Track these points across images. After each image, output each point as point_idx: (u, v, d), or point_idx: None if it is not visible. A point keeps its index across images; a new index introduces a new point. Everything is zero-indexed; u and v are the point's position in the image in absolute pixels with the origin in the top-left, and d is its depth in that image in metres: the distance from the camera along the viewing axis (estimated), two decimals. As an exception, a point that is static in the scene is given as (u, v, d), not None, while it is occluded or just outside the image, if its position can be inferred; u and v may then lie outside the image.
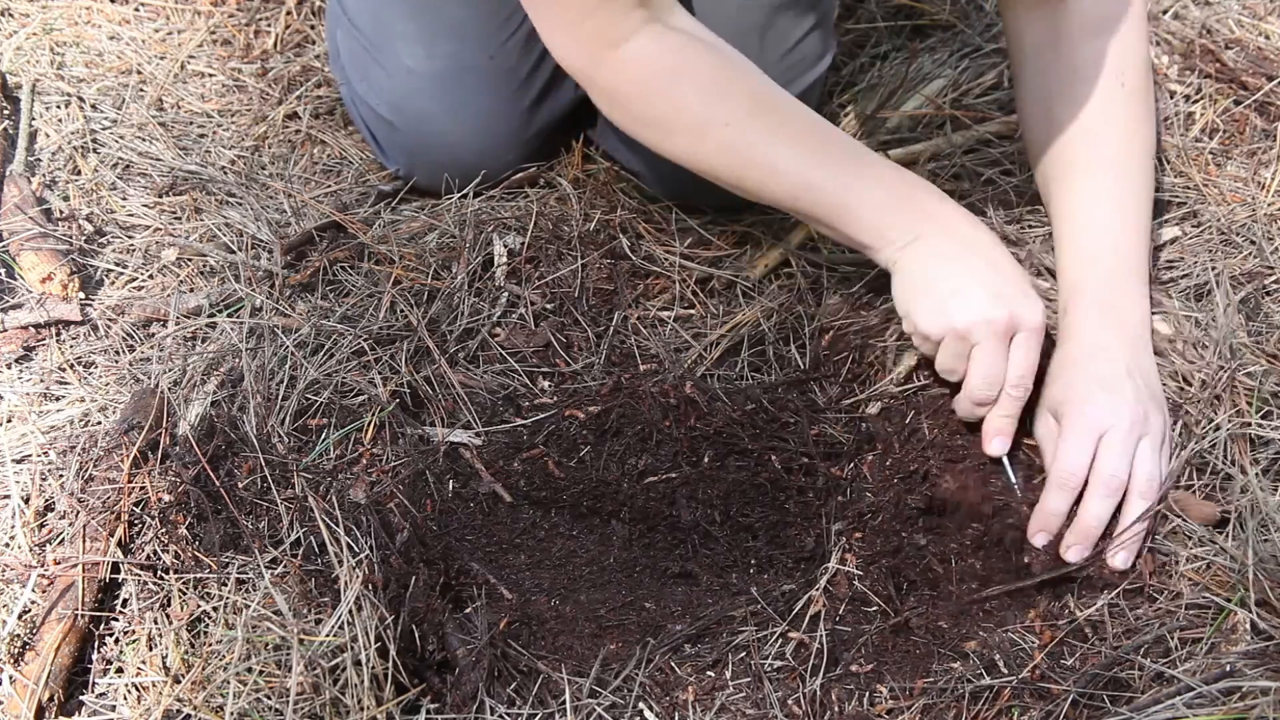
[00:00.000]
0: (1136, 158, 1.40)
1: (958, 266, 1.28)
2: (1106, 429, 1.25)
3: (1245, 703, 1.07)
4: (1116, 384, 1.27)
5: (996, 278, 1.27)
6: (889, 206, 1.30)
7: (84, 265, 1.54)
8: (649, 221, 1.61)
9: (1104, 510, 1.25)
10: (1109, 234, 1.37)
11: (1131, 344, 1.32)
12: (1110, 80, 1.38)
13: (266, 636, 1.13)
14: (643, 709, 1.17)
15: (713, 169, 1.34)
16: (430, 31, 1.57)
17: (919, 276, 1.29)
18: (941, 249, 1.28)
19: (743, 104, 1.31)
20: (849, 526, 1.29)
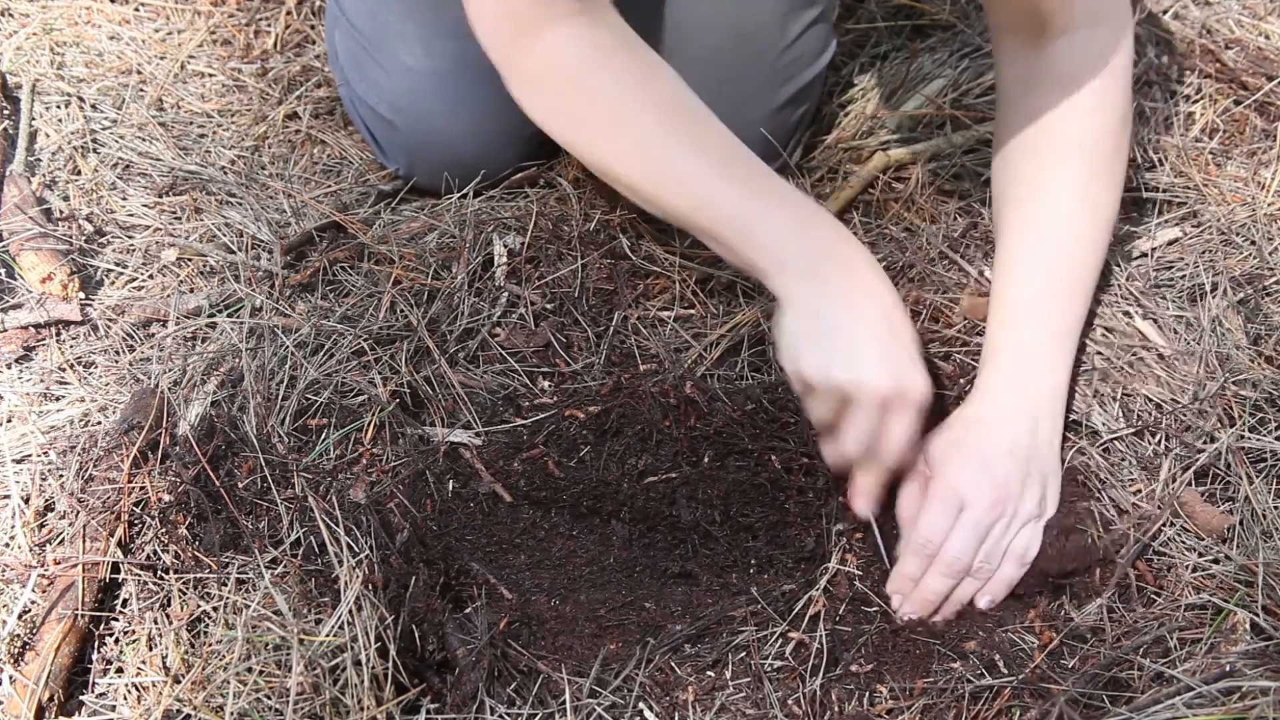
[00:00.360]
0: (1086, 226, 1.35)
1: (852, 319, 1.20)
2: (966, 505, 1.23)
3: (1245, 703, 1.07)
4: (993, 460, 1.25)
5: (890, 340, 1.20)
6: (791, 234, 1.23)
7: (84, 265, 1.54)
8: (649, 221, 1.61)
9: (940, 586, 1.23)
10: (1038, 299, 1.33)
11: (1031, 417, 1.28)
12: (1070, 149, 1.34)
13: (266, 636, 1.13)
14: (643, 709, 1.17)
15: (615, 173, 1.30)
16: (429, 30, 1.57)
17: (809, 319, 1.21)
18: (839, 293, 1.21)
19: (655, 107, 1.27)
20: (849, 527, 1.29)
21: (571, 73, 1.28)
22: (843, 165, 1.70)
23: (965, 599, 1.25)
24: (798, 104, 1.62)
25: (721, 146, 1.28)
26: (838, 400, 1.20)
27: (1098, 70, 1.33)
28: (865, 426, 1.20)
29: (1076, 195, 1.34)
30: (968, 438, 1.28)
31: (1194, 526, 1.27)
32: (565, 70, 1.28)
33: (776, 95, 1.57)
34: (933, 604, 1.24)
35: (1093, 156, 1.35)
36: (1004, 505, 1.24)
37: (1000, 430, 1.27)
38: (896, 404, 1.19)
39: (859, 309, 1.20)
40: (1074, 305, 1.35)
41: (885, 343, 1.20)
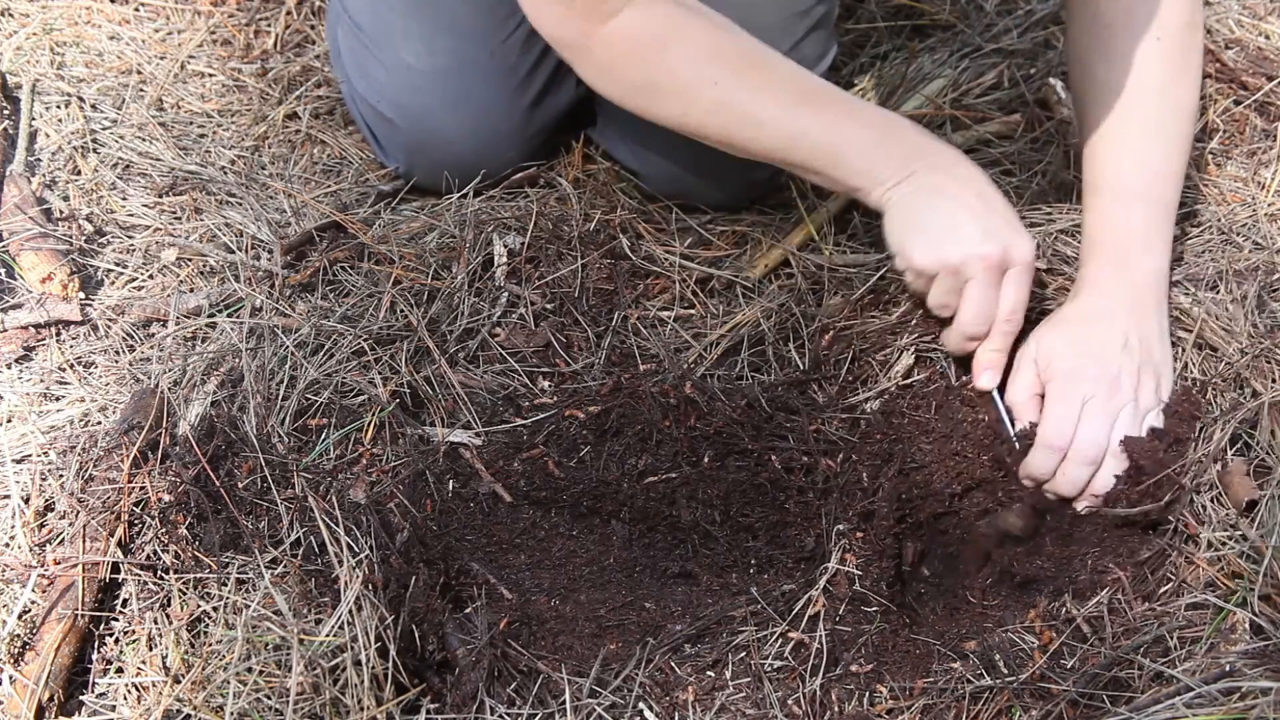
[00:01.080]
0: (1169, 114, 1.39)
1: (950, 202, 1.29)
2: (1089, 393, 1.28)
3: (1245, 703, 1.07)
4: (1106, 355, 1.30)
5: (989, 213, 1.29)
6: (879, 148, 1.32)
7: (84, 265, 1.54)
8: (649, 221, 1.61)
9: (1080, 477, 1.28)
10: (1132, 192, 1.37)
11: (1137, 306, 1.33)
12: (1144, 36, 1.36)
13: (266, 636, 1.13)
14: (643, 709, 1.17)
15: (703, 129, 1.36)
16: (431, 28, 1.57)
17: (912, 213, 1.30)
18: (934, 185, 1.30)
19: (730, 63, 1.33)
20: (850, 528, 1.29)
21: (646, 51, 1.33)
22: (843, 165, 1.70)
23: (1111, 483, 1.28)
24: (798, 105, 1.62)
25: (797, 85, 1.35)
26: (953, 279, 1.29)
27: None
28: (983, 297, 1.29)
29: (1158, 85, 1.38)
30: (1077, 335, 1.32)
31: (1228, 496, 1.27)
32: (639, 50, 1.33)
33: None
34: (1073, 493, 1.29)
35: (1171, 47, 1.38)
36: (1125, 395, 1.28)
37: (1109, 325, 1.31)
38: (1009, 267, 1.28)
39: (954, 194, 1.30)
40: (1167, 192, 1.38)
41: (985, 217, 1.29)
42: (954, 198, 1.29)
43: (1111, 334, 1.31)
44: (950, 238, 1.28)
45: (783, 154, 1.35)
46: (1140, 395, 1.29)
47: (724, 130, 1.35)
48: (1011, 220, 1.30)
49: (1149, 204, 1.37)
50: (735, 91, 1.33)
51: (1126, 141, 1.38)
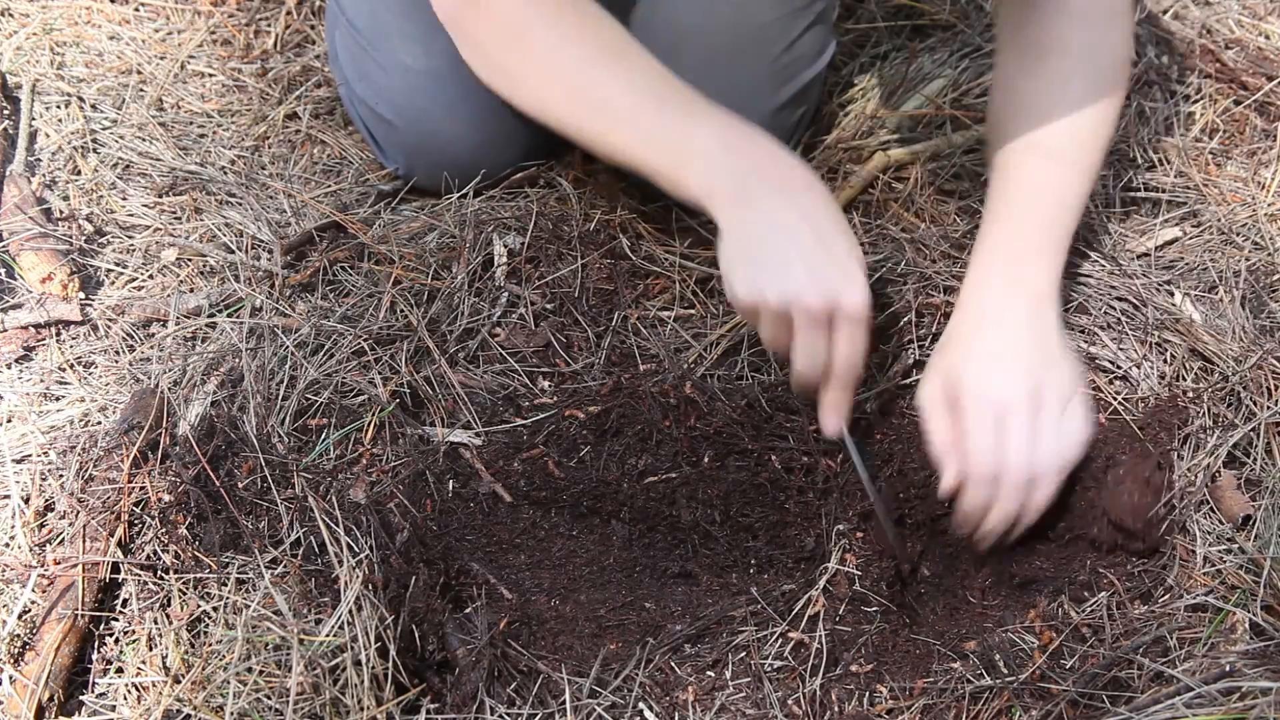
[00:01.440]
0: (1086, 141, 1.35)
1: (782, 236, 1.19)
2: (1007, 409, 1.22)
3: (1245, 703, 1.07)
4: (1010, 353, 1.25)
5: (821, 255, 1.18)
6: (724, 162, 1.23)
7: (84, 265, 1.54)
8: (649, 221, 1.61)
9: (1014, 505, 1.23)
10: (1035, 203, 1.33)
11: (1030, 310, 1.28)
12: (1074, 59, 1.35)
13: (266, 636, 1.13)
14: (643, 709, 1.17)
15: (560, 119, 1.34)
16: (428, 29, 1.57)
17: (741, 240, 1.20)
18: (770, 213, 1.20)
19: (591, 50, 1.31)
20: (850, 528, 1.29)
21: (513, 30, 1.32)
22: (843, 165, 1.70)
23: (1049, 501, 1.24)
24: (797, 105, 1.62)
25: (655, 83, 1.29)
26: (777, 321, 1.19)
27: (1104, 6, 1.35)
28: (809, 344, 1.18)
29: (1079, 105, 1.34)
30: (976, 345, 1.27)
31: (1220, 511, 1.27)
32: (507, 29, 1.32)
33: (776, 96, 1.57)
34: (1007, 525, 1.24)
35: (1099, 73, 1.35)
36: (1041, 396, 1.22)
37: (1002, 325, 1.27)
38: (835, 317, 1.18)
39: (787, 226, 1.19)
40: (1067, 215, 1.34)
41: (814, 257, 1.18)
42: (788, 231, 1.19)
43: (1009, 333, 1.26)
44: (772, 275, 1.17)
45: (633, 152, 1.28)
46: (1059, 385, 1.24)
47: (578, 121, 1.32)
48: (847, 264, 1.18)
49: (1047, 217, 1.33)
50: (592, 80, 1.30)
51: (1035, 153, 1.35)
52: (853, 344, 1.19)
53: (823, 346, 1.19)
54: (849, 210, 1.63)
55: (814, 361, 1.19)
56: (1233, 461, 1.32)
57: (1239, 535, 1.25)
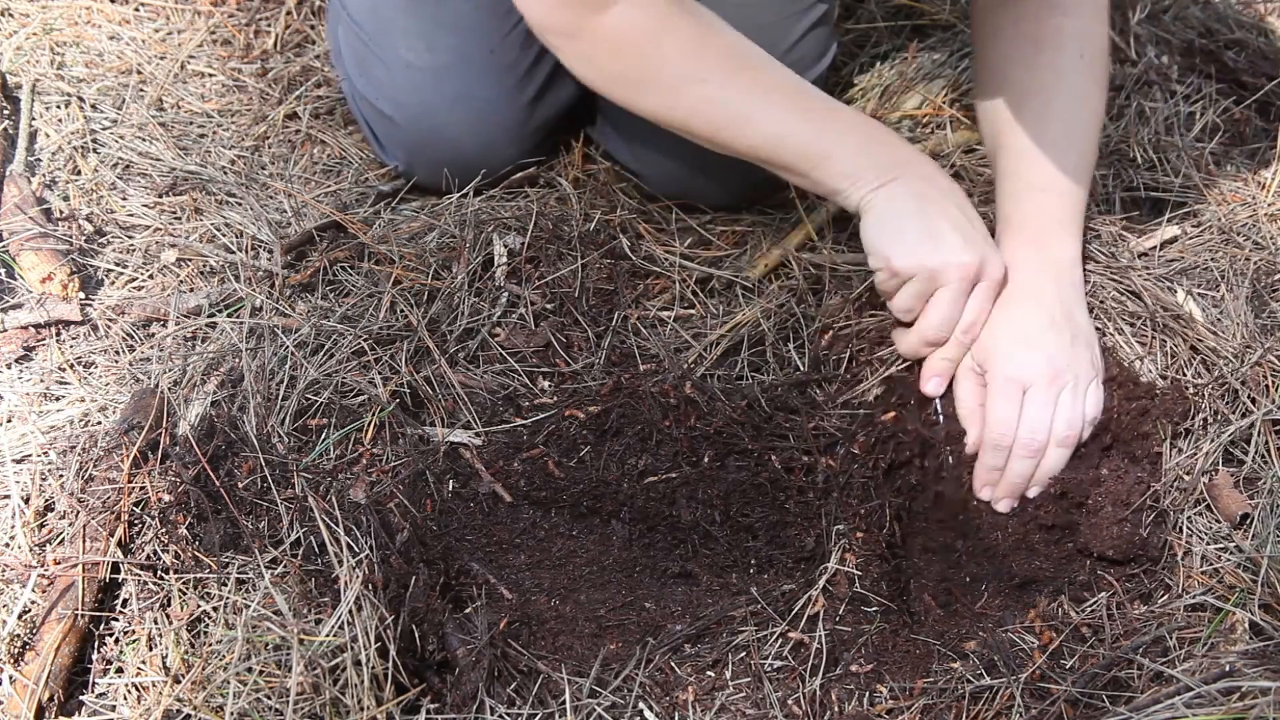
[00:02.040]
0: (1085, 120, 1.43)
1: (933, 209, 1.32)
2: (1028, 385, 1.30)
3: (1244, 703, 1.07)
4: (1037, 337, 1.32)
5: (969, 225, 1.32)
6: (864, 152, 1.34)
7: (84, 265, 1.54)
8: (649, 221, 1.61)
9: (1026, 468, 1.32)
10: (1050, 178, 1.40)
11: (1058, 284, 1.36)
12: (1069, 51, 1.42)
13: (266, 636, 1.13)
14: (643, 709, 1.17)
15: (688, 125, 1.38)
16: (430, 26, 1.57)
17: (893, 216, 1.32)
18: (916, 191, 1.32)
19: (719, 61, 1.35)
20: (850, 528, 1.29)
21: (637, 44, 1.34)
22: (843, 165, 1.70)
23: (1056, 469, 1.32)
24: (798, 104, 1.62)
25: (785, 85, 1.37)
26: (926, 284, 1.31)
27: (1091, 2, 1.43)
28: (950, 305, 1.31)
29: (1077, 88, 1.43)
30: (1003, 319, 1.34)
31: (1217, 509, 1.27)
32: (631, 43, 1.34)
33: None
34: (1021, 486, 1.32)
35: (1091, 60, 1.43)
36: (1063, 375, 1.30)
37: (1033, 304, 1.34)
38: (980, 281, 1.31)
39: (936, 201, 1.32)
40: (1080, 189, 1.41)
41: (965, 228, 1.32)
42: (936, 205, 1.32)
43: (1038, 313, 1.33)
44: (931, 243, 1.30)
45: (768, 153, 1.36)
46: (1078, 370, 1.31)
47: (710, 127, 1.37)
48: (988, 236, 1.34)
49: (1064, 195, 1.40)
50: (723, 89, 1.35)
51: (1045, 138, 1.41)
52: (986, 305, 1.32)
53: (959, 308, 1.32)
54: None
55: (949, 320, 1.32)
56: (1230, 460, 1.32)
57: (1236, 534, 1.25)
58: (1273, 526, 1.22)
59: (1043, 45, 1.42)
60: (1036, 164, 1.41)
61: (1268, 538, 1.21)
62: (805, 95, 1.38)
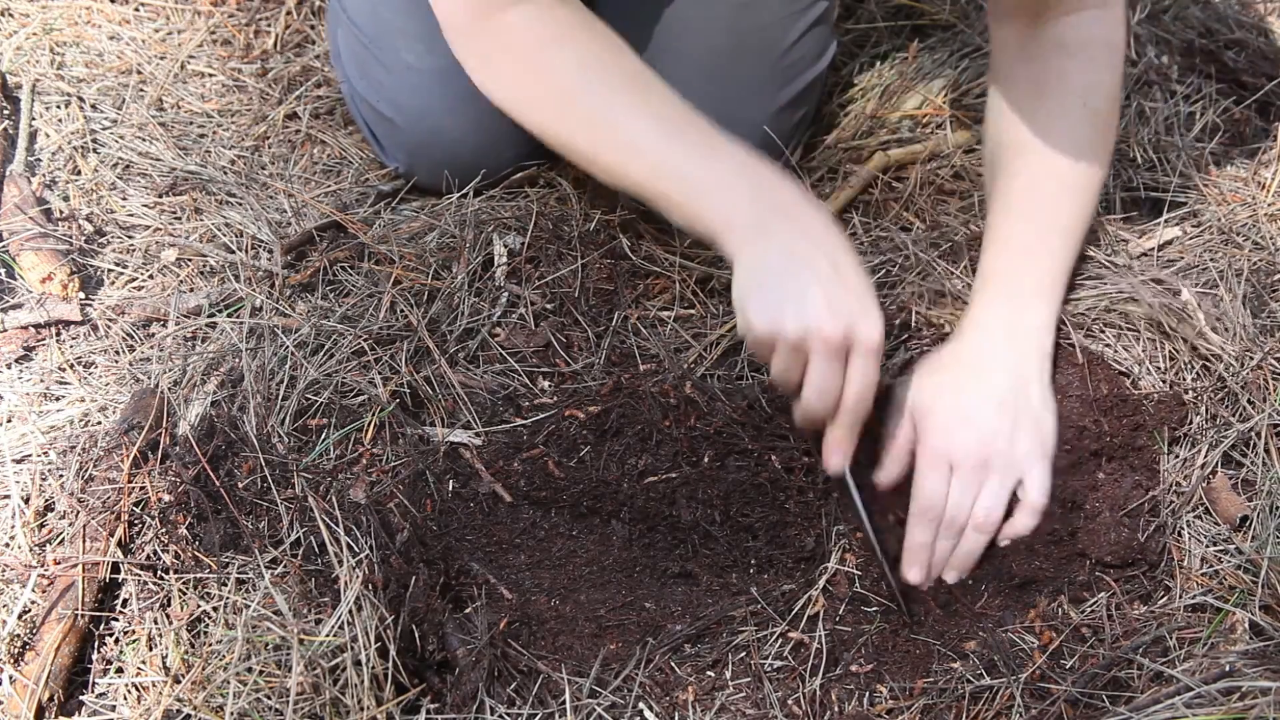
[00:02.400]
0: (1082, 177, 1.37)
1: (801, 267, 1.19)
2: (955, 464, 1.26)
3: (1244, 703, 1.07)
4: (977, 416, 1.27)
5: (838, 286, 1.18)
6: (744, 194, 1.24)
7: (84, 265, 1.54)
8: (649, 221, 1.61)
9: (948, 549, 1.27)
10: (1034, 240, 1.35)
11: (1020, 356, 1.30)
12: (1073, 101, 1.36)
13: (266, 636, 1.13)
14: (643, 709, 1.17)
15: (573, 143, 1.33)
16: (430, 28, 1.56)
17: (759, 271, 1.20)
18: (789, 245, 1.20)
19: (611, 78, 1.31)
20: (850, 528, 1.29)
21: (532, 51, 1.32)
22: (843, 165, 1.70)
23: (976, 554, 1.27)
24: (798, 106, 1.62)
25: (674, 115, 1.29)
26: (792, 353, 1.18)
27: (1101, 43, 1.36)
28: (823, 376, 1.18)
29: (1078, 144, 1.36)
30: (952, 385, 1.29)
31: (1215, 512, 1.27)
32: (526, 48, 1.32)
33: (777, 97, 1.58)
34: (940, 565, 1.28)
35: (1096, 112, 1.37)
36: (992, 461, 1.25)
37: (987, 376, 1.29)
38: (851, 349, 1.18)
39: (805, 257, 1.19)
40: (1068, 246, 1.36)
41: (832, 288, 1.18)
42: (806, 262, 1.19)
43: (986, 389, 1.28)
44: (791, 306, 1.17)
45: (648, 182, 1.28)
46: (1011, 459, 1.26)
47: (592, 146, 1.31)
48: (863, 297, 1.19)
49: (1045, 258, 1.35)
50: (610, 107, 1.30)
51: (1035, 196, 1.36)
52: (865, 377, 1.18)
53: (836, 379, 1.18)
54: (849, 210, 1.63)
55: (827, 394, 1.19)
56: (1229, 462, 1.32)
57: (1236, 536, 1.25)
58: (1272, 528, 1.23)
59: (1046, 93, 1.36)
60: (1022, 222, 1.36)
61: (1267, 539, 1.22)
62: (697, 129, 1.28)
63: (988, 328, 1.32)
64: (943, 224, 1.59)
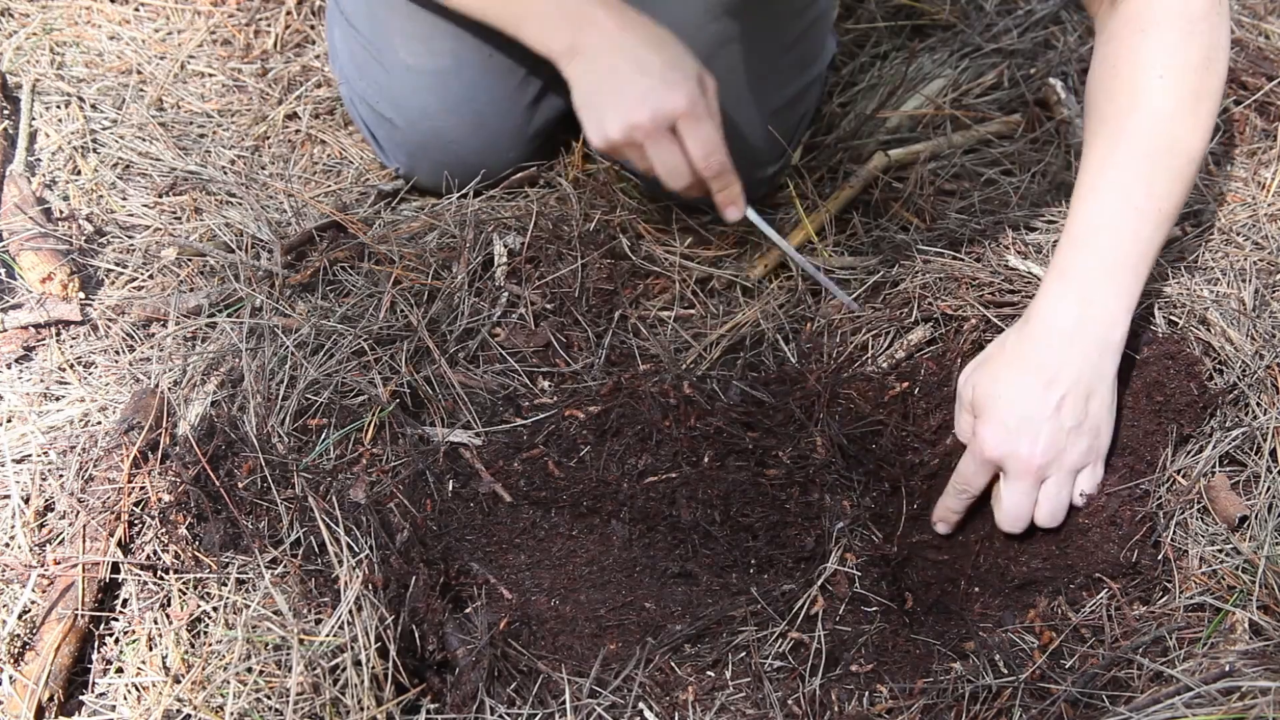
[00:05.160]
0: (1161, 151, 1.29)
1: (608, 78, 1.31)
2: (1008, 471, 1.26)
3: (1244, 703, 1.07)
4: (1032, 424, 1.23)
5: (640, 78, 1.31)
6: (551, 18, 1.35)
7: (84, 265, 1.54)
8: (649, 221, 1.61)
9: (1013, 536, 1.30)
10: (1108, 216, 1.29)
11: (1086, 355, 1.25)
12: (1146, 72, 1.29)
13: (266, 636, 1.13)
14: (643, 709, 1.17)
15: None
16: (429, 29, 1.57)
17: (583, 91, 1.33)
18: (596, 58, 1.32)
19: None
20: (850, 527, 1.29)
21: None
22: (843, 165, 1.70)
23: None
24: (798, 104, 1.62)
25: None
26: (633, 149, 1.32)
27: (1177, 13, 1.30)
28: (664, 155, 1.32)
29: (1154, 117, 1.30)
30: (1012, 389, 1.25)
31: (1214, 512, 1.27)
32: None
33: (777, 96, 1.58)
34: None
35: (1174, 87, 1.30)
36: (1046, 468, 1.25)
37: (1048, 381, 1.24)
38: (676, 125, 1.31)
39: (612, 69, 1.32)
40: (1145, 226, 1.29)
41: (634, 83, 1.30)
42: (612, 72, 1.32)
43: (1047, 395, 1.23)
44: (610, 114, 1.31)
45: (477, 11, 1.41)
46: (1066, 462, 1.25)
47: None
48: (665, 74, 1.31)
49: (1121, 235, 1.28)
50: None
51: (1109, 172, 1.31)
52: (697, 136, 1.31)
53: (674, 154, 1.32)
54: (849, 210, 1.63)
55: (673, 168, 1.33)
56: (1225, 461, 1.31)
57: (1234, 536, 1.25)
58: (1270, 529, 1.23)
59: (1120, 68, 1.31)
60: (1097, 201, 1.29)
61: (1265, 540, 1.22)
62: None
63: (1055, 323, 1.27)
64: (942, 225, 1.59)
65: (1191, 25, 1.29)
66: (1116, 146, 1.29)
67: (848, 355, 1.44)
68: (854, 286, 1.50)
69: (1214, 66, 1.31)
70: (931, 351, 1.45)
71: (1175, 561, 1.25)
